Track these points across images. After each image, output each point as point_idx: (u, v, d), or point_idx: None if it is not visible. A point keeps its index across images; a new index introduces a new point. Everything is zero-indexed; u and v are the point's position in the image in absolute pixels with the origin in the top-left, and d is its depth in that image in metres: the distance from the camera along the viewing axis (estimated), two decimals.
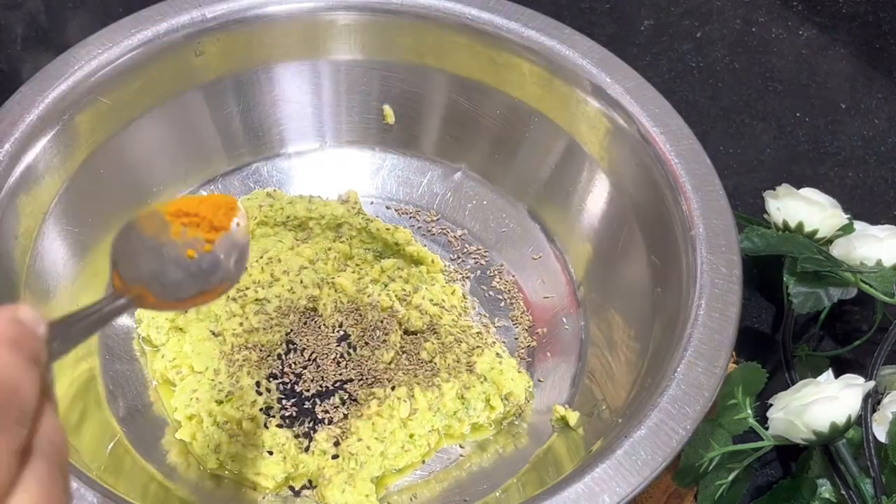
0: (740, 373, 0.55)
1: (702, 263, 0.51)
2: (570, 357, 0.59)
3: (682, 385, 0.46)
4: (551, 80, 0.61)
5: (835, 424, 0.51)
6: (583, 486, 0.42)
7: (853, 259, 0.59)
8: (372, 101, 0.67)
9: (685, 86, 0.81)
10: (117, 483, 0.48)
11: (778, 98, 0.80)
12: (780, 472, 0.58)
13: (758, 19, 0.87)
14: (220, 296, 0.41)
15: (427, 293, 0.60)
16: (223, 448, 0.52)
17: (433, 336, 0.58)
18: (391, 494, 0.53)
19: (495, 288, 0.63)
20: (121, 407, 0.54)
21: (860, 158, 0.76)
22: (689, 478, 0.53)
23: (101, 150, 0.58)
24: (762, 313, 0.66)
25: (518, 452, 0.54)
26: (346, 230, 0.63)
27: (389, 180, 0.68)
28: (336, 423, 0.54)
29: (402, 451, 0.53)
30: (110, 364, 0.56)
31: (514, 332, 0.61)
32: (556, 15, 0.62)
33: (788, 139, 0.78)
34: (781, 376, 0.61)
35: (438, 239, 0.65)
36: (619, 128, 0.58)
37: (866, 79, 0.82)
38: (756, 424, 0.54)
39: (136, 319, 0.58)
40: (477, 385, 0.55)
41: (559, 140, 0.62)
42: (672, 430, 0.44)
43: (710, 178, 0.54)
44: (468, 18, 0.62)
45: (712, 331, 0.48)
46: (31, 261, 0.53)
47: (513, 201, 0.66)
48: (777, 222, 0.62)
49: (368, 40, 0.64)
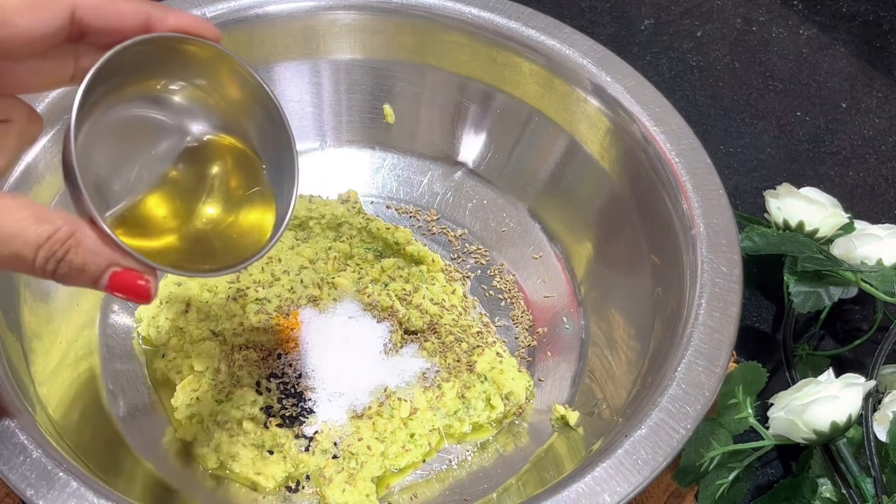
0: (741, 372, 0.55)
1: (702, 263, 0.51)
2: (570, 356, 0.59)
3: (682, 384, 0.46)
4: (552, 80, 0.61)
5: (835, 424, 0.51)
6: (583, 486, 0.42)
7: (854, 258, 0.59)
8: (372, 100, 0.67)
9: (685, 85, 0.81)
10: (117, 483, 0.48)
11: (778, 97, 0.80)
12: (780, 472, 0.58)
13: (758, 18, 0.87)
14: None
15: (427, 293, 0.60)
16: (223, 448, 0.52)
17: (433, 335, 0.58)
18: (392, 494, 0.53)
19: (496, 287, 0.63)
20: (121, 407, 0.54)
21: (860, 157, 0.76)
22: (690, 477, 0.53)
23: None
24: (763, 312, 0.66)
25: (518, 452, 0.54)
26: (346, 230, 0.63)
27: (389, 180, 0.68)
28: (336, 422, 0.54)
29: (403, 450, 0.53)
30: (110, 364, 0.56)
31: (514, 332, 0.61)
32: (557, 14, 0.62)
33: (789, 138, 0.78)
34: (782, 376, 0.61)
35: (438, 238, 0.65)
36: (620, 127, 0.58)
37: (866, 78, 0.82)
38: (757, 424, 0.54)
39: (137, 319, 0.58)
40: (477, 384, 0.55)
41: (559, 139, 0.62)
42: (672, 430, 0.44)
43: (710, 177, 0.54)
44: (468, 18, 0.62)
45: (713, 330, 0.48)
46: None
47: (513, 201, 0.66)
48: (777, 221, 0.62)
49: (368, 40, 0.64)
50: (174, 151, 0.43)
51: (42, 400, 0.49)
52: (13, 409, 0.44)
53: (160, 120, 0.43)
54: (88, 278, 0.35)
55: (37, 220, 0.34)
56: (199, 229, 0.44)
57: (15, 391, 0.46)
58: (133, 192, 0.42)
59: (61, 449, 0.44)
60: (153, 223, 0.43)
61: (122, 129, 0.41)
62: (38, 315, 0.53)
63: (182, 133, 0.43)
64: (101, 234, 0.35)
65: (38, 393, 0.49)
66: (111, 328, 0.58)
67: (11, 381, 0.46)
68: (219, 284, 0.59)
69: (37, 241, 0.34)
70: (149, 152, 0.43)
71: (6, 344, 0.48)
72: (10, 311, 0.51)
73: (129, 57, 0.37)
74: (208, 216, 0.44)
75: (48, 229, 0.34)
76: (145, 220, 0.42)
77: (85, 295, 0.57)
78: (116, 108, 0.40)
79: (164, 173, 0.43)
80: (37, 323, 0.53)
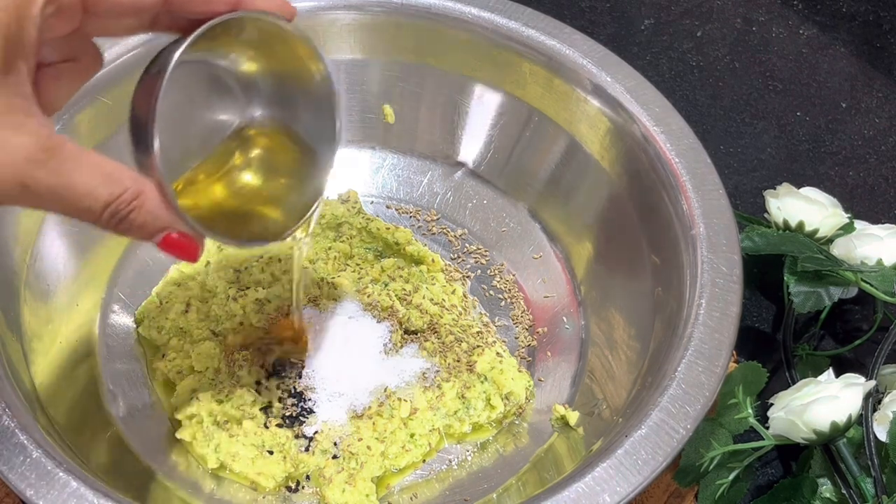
0: (741, 372, 0.55)
1: (702, 263, 0.51)
2: (570, 356, 0.59)
3: (682, 384, 0.46)
4: (552, 80, 0.61)
5: (835, 424, 0.51)
6: (583, 486, 0.42)
7: (854, 258, 0.59)
8: (372, 100, 0.67)
9: (685, 85, 0.81)
10: (117, 483, 0.48)
11: (778, 97, 0.80)
12: (780, 472, 0.58)
13: (758, 18, 0.87)
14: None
15: (427, 292, 0.60)
16: (223, 448, 0.52)
17: (433, 335, 0.58)
18: (392, 494, 0.53)
19: (496, 287, 0.63)
20: (121, 407, 0.54)
21: (861, 157, 0.76)
22: (690, 477, 0.53)
23: (102, 150, 0.57)
24: (763, 312, 0.66)
25: (518, 452, 0.54)
26: (346, 230, 0.63)
27: (389, 180, 0.68)
28: (336, 422, 0.54)
29: (403, 450, 0.53)
30: (110, 364, 0.56)
31: (514, 332, 0.61)
32: (557, 14, 0.62)
33: (789, 138, 0.78)
34: (782, 376, 0.61)
35: (438, 238, 0.65)
36: (620, 127, 0.58)
37: (866, 78, 0.82)
38: (757, 424, 0.54)
39: (137, 319, 0.58)
40: (477, 384, 0.55)
41: (560, 139, 0.62)
42: (672, 430, 0.44)
43: (710, 177, 0.54)
44: (468, 18, 0.62)
45: (713, 330, 0.48)
46: (31, 261, 0.53)
47: (513, 201, 0.66)
48: (777, 221, 0.62)
49: (368, 40, 0.64)
50: (231, 124, 0.46)
51: (42, 400, 0.49)
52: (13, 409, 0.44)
53: (223, 93, 0.45)
54: (144, 235, 0.39)
55: (107, 180, 0.36)
56: (244, 201, 0.46)
57: (15, 391, 0.46)
58: (191, 158, 0.44)
59: (61, 449, 0.44)
60: (204, 190, 0.45)
61: (189, 96, 0.43)
62: (38, 315, 0.53)
63: (241, 107, 0.46)
64: (162, 197, 0.38)
65: (38, 393, 0.49)
66: (111, 328, 0.58)
67: (11, 381, 0.46)
68: (219, 285, 0.59)
69: (106, 200, 0.36)
70: (209, 121, 0.45)
71: (6, 344, 0.48)
72: (10, 311, 0.51)
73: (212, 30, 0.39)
74: (252, 188, 0.46)
75: (117, 190, 0.37)
76: (197, 186, 0.45)
77: (85, 295, 0.57)
78: (186, 76, 0.42)
79: (219, 144, 0.45)
80: (37, 323, 0.53)
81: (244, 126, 0.46)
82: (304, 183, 0.46)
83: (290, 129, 0.46)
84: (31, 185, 0.35)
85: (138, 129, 0.38)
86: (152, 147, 0.37)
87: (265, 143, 0.47)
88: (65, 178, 0.35)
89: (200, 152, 0.45)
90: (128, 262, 0.60)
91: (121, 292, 0.59)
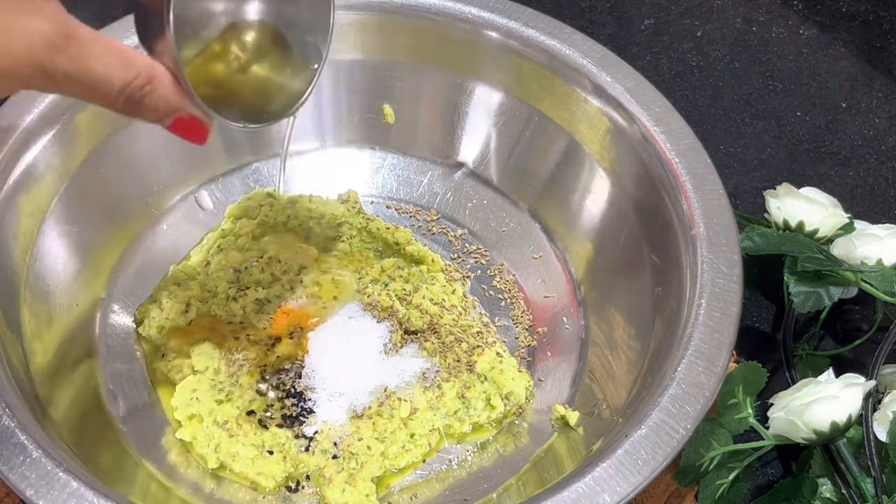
0: (741, 372, 0.55)
1: (702, 263, 0.51)
2: (570, 356, 0.59)
3: (682, 384, 0.46)
4: (552, 80, 0.61)
5: (835, 424, 0.51)
6: (583, 486, 0.42)
7: (854, 258, 0.59)
8: (372, 100, 0.67)
9: (685, 85, 0.81)
10: (117, 483, 0.48)
11: (778, 97, 0.80)
12: (780, 472, 0.58)
13: (758, 18, 0.87)
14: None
15: (427, 292, 0.60)
16: (223, 448, 0.52)
17: (433, 335, 0.58)
18: (392, 494, 0.53)
19: (496, 287, 0.63)
20: (121, 407, 0.54)
21: (861, 157, 0.76)
22: (690, 477, 0.53)
23: (101, 150, 0.58)
24: (763, 312, 0.66)
25: (518, 452, 0.54)
26: (346, 230, 0.63)
27: (389, 180, 0.68)
28: (336, 422, 0.54)
29: (403, 450, 0.53)
30: (110, 364, 0.56)
31: (514, 332, 0.61)
32: (557, 14, 0.62)
33: (789, 138, 0.78)
34: (782, 376, 0.61)
35: (438, 238, 0.65)
36: (620, 127, 0.58)
37: (867, 78, 0.82)
38: (757, 424, 0.54)
39: (137, 319, 0.58)
40: (477, 384, 0.55)
41: (559, 139, 0.62)
42: (672, 430, 0.44)
43: (710, 177, 0.54)
44: (468, 18, 0.62)
45: (713, 330, 0.48)
46: (31, 261, 0.53)
47: (513, 201, 0.66)
48: (777, 221, 0.62)
49: (368, 40, 0.64)
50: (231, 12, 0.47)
51: (42, 400, 0.49)
52: (13, 409, 0.44)
53: None
54: (156, 118, 0.40)
55: (122, 65, 0.38)
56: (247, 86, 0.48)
57: (15, 391, 0.46)
58: (199, 42, 0.46)
59: (61, 449, 0.44)
60: (211, 72, 0.47)
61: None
62: (38, 315, 0.53)
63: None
64: (175, 80, 0.39)
65: (38, 393, 0.49)
66: (111, 328, 0.58)
67: (11, 381, 0.46)
68: (219, 285, 0.59)
69: (121, 86, 0.38)
70: (212, 9, 0.47)
71: (6, 344, 0.48)
72: (10, 311, 0.51)
73: None
74: (254, 74, 0.48)
75: (131, 74, 0.38)
76: (205, 68, 0.47)
77: (85, 295, 0.57)
78: None
79: (221, 31, 0.47)
80: (37, 323, 0.53)
81: (244, 15, 0.48)
82: (301, 67, 0.49)
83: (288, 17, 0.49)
84: (49, 70, 0.35)
85: (150, 16, 0.39)
86: (168, 27, 0.38)
87: (264, 31, 0.49)
88: (83, 63, 0.36)
89: (205, 39, 0.47)
90: (128, 262, 0.60)
91: (121, 292, 0.59)
